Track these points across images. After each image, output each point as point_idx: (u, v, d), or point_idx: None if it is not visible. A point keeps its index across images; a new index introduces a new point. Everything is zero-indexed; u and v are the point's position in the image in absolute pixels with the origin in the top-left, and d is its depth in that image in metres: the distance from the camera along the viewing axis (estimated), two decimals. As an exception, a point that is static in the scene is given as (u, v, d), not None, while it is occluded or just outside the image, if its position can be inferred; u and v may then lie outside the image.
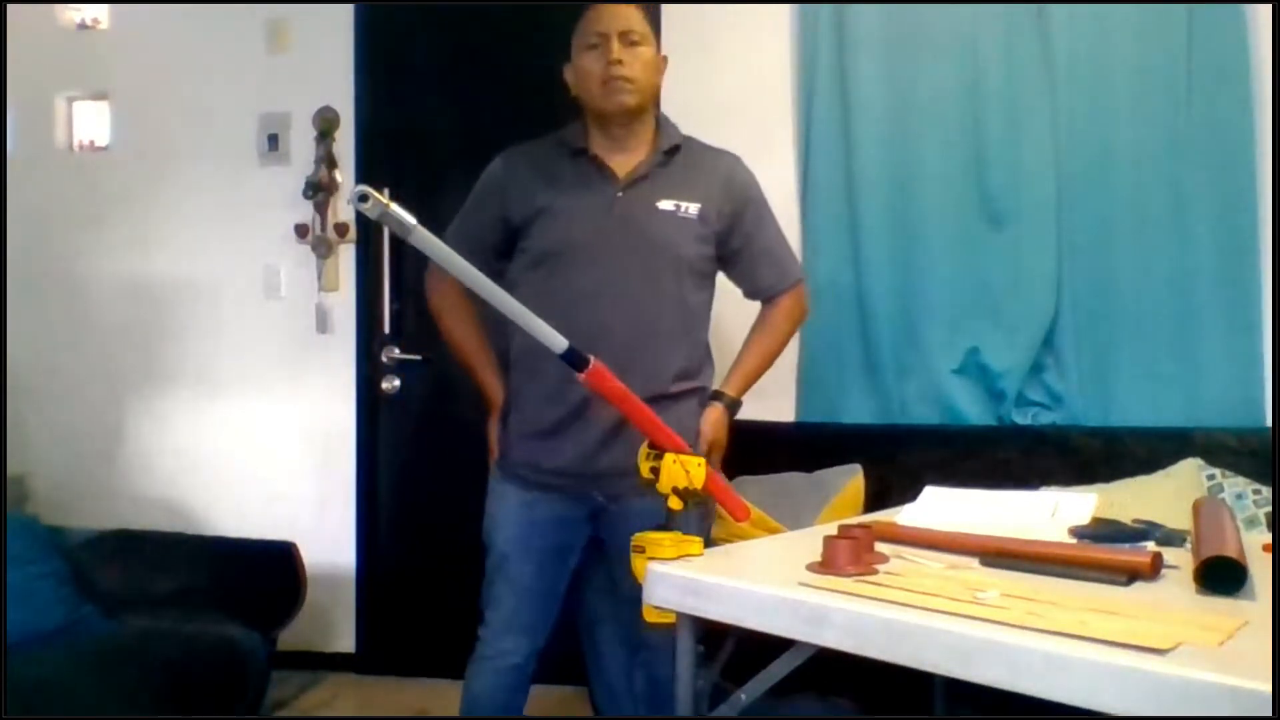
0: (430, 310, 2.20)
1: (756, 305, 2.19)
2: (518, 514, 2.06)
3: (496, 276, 2.08)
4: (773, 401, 3.05)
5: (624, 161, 2.03)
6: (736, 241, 2.09)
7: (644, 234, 2.00)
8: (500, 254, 2.09)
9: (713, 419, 2.08)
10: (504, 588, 2.07)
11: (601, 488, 2.01)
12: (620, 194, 2.01)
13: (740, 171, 2.13)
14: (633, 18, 2.01)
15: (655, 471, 1.58)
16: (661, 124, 2.09)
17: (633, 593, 1.42)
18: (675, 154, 2.06)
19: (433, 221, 1.54)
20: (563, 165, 2.05)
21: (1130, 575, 1.32)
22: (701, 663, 1.44)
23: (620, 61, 1.97)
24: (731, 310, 2.23)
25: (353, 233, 3.32)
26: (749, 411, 2.98)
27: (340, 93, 3.32)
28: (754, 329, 2.18)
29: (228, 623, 2.53)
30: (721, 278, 2.16)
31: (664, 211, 2.01)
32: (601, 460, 1.99)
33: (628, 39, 1.99)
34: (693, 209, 2.02)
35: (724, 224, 2.06)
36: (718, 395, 2.11)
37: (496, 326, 2.01)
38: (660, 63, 2.07)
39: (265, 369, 3.39)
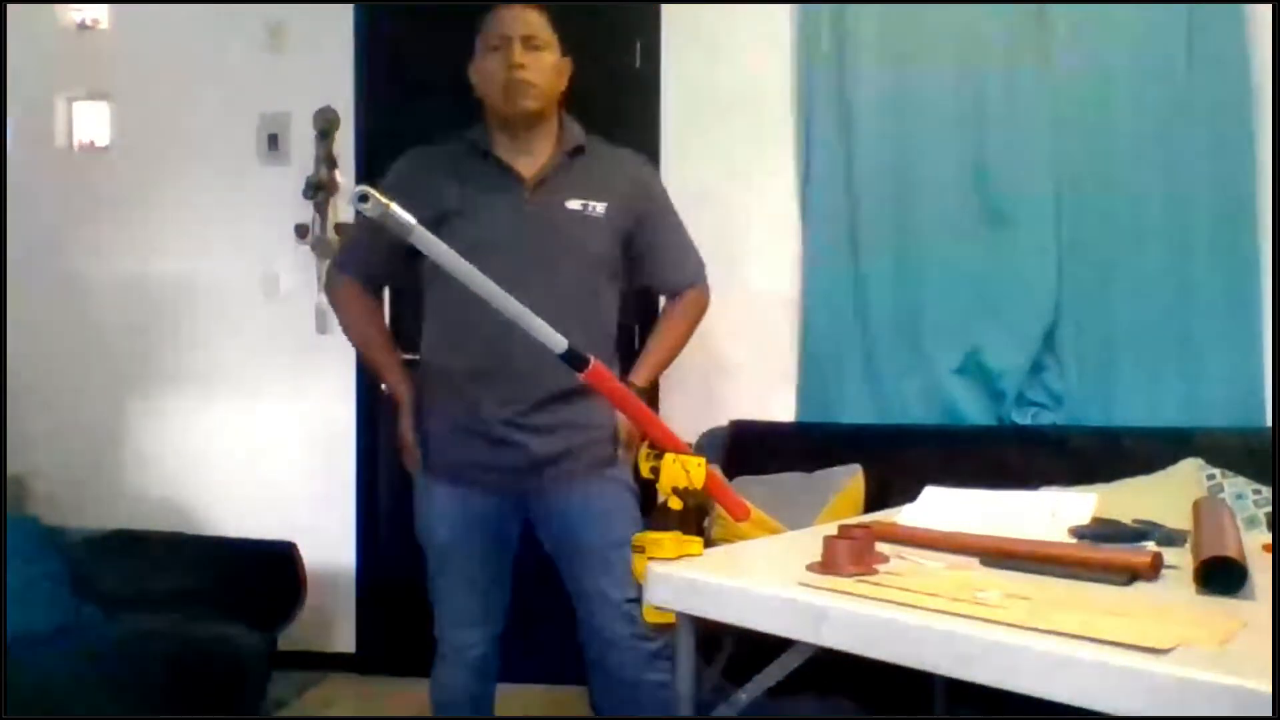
0: (333, 306, 2.21)
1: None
2: (452, 510, 2.08)
3: (410, 275, 2.11)
4: (773, 402, 3.06)
5: (529, 163, 2.05)
6: (642, 241, 2.12)
7: (555, 234, 2.02)
8: (411, 253, 2.04)
9: None
10: (451, 584, 2.10)
11: (529, 480, 2.04)
12: (528, 195, 2.03)
13: (644, 171, 2.17)
14: (535, 22, 2.03)
15: (655, 471, 1.58)
16: (565, 125, 2.10)
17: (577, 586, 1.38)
18: (579, 154, 2.08)
19: (433, 221, 1.53)
20: (470, 167, 2.06)
21: (1130, 575, 1.32)
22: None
23: (522, 65, 1.99)
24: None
25: (353, 233, 3.32)
26: (749, 411, 3.01)
27: (340, 93, 3.31)
28: (660, 321, 2.22)
29: (228, 623, 2.53)
30: None
31: (572, 211, 2.03)
32: (525, 456, 2.01)
33: (530, 43, 2.01)
34: (599, 207, 2.04)
35: (629, 223, 2.09)
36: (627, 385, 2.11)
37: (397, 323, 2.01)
38: (564, 66, 2.08)
39: (265, 369, 3.39)
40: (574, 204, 2.03)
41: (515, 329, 1.65)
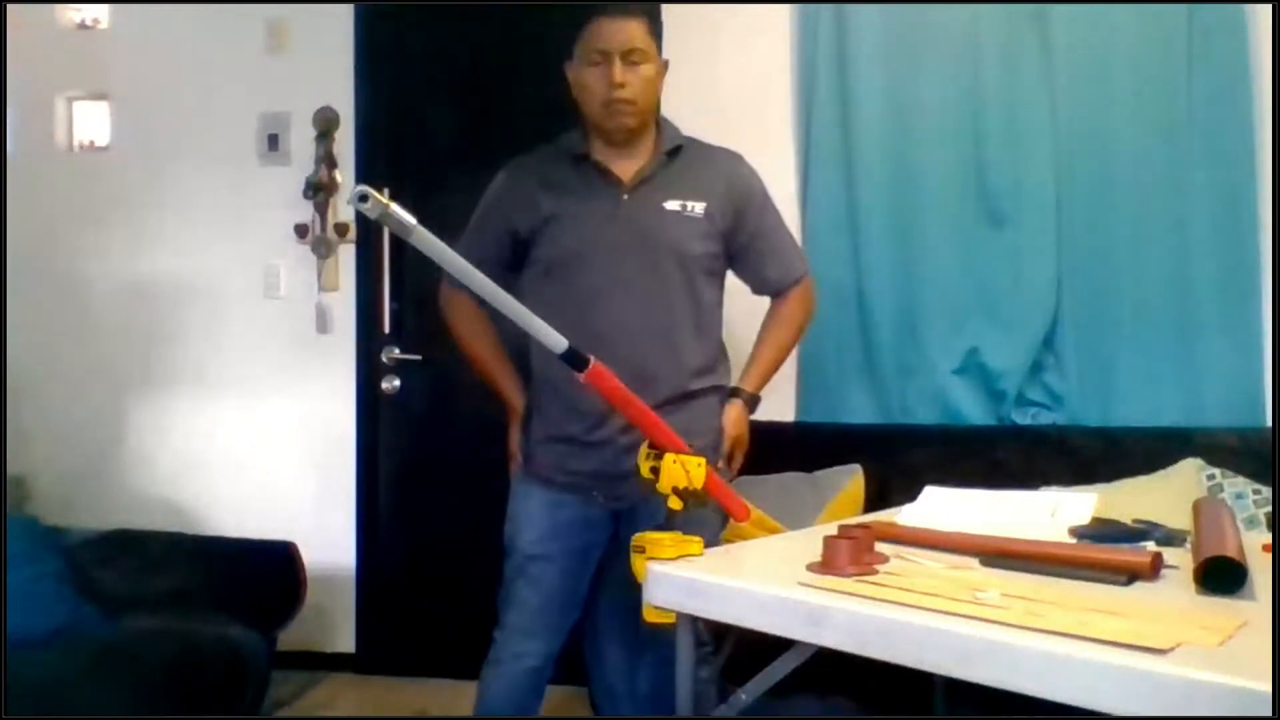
0: (446, 323, 2.20)
1: (764, 304, 2.19)
2: (542, 515, 2.05)
3: (508, 289, 2.10)
4: (773, 401, 3.05)
5: (627, 166, 2.04)
6: (742, 238, 2.10)
7: (652, 235, 2.00)
8: (510, 267, 2.08)
9: (734, 416, 2.10)
10: (527, 590, 2.06)
11: (626, 489, 2.00)
12: (626, 197, 2.01)
13: (742, 168, 2.13)
14: (636, 35, 1.99)
15: (655, 471, 1.58)
16: (662, 125, 2.09)
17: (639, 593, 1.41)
18: (677, 154, 2.06)
19: (433, 222, 1.54)
20: (566, 172, 2.05)
21: (1130, 575, 1.33)
22: (706, 659, 1.44)
23: (623, 85, 1.97)
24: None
25: (353, 233, 3.32)
26: (749, 411, 3.01)
27: (340, 93, 3.32)
28: (765, 325, 2.19)
29: (228, 623, 2.53)
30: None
31: (671, 211, 2.01)
32: (625, 463, 1.98)
33: (630, 58, 1.98)
34: (698, 207, 2.02)
35: (729, 221, 2.06)
36: (735, 392, 2.12)
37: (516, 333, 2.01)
38: (661, 71, 2.06)
39: (265, 369, 3.39)
40: (672, 204, 2.01)
41: (625, 335, 1.65)
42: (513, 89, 3.23)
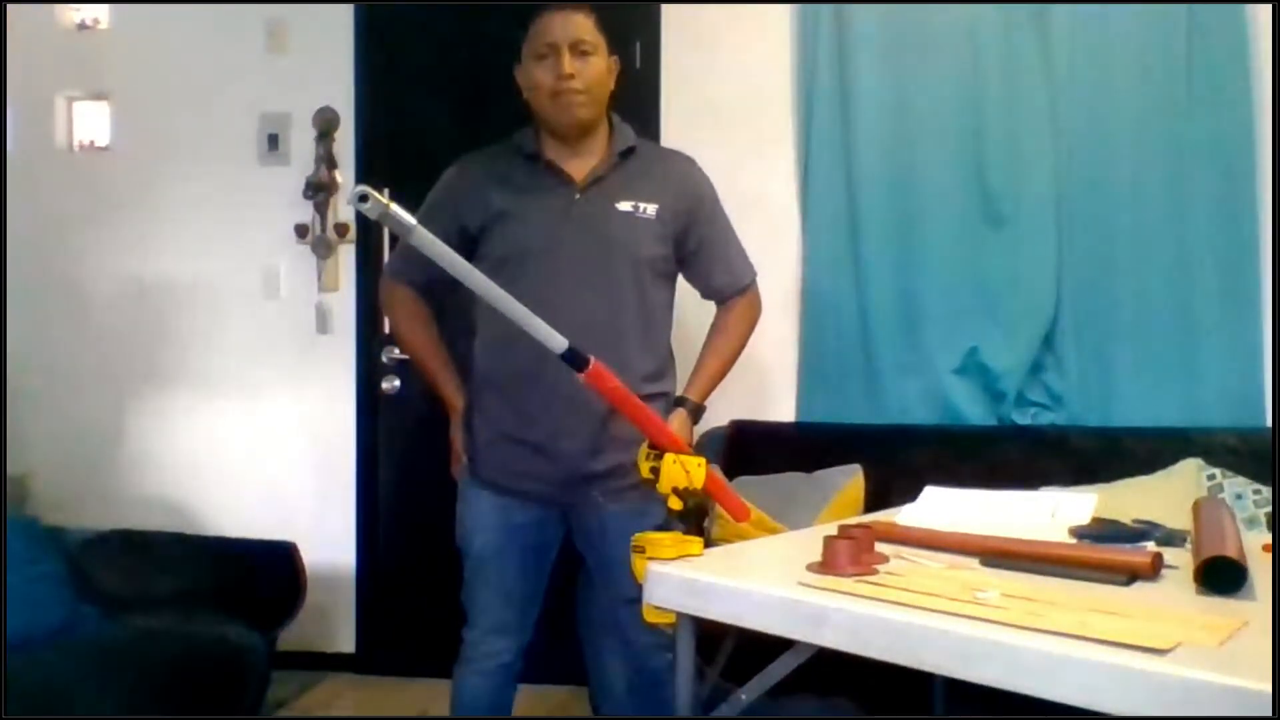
0: (384, 312, 2.19)
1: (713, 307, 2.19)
2: (494, 518, 2.05)
3: (453, 285, 2.10)
4: (773, 402, 3.06)
5: (579, 165, 2.02)
6: (692, 243, 2.09)
7: (604, 235, 1.99)
8: (467, 257, 2.07)
9: (676, 423, 2.04)
10: (486, 592, 2.07)
11: (575, 494, 2.01)
12: (579, 196, 2.00)
13: (695, 172, 2.13)
14: (584, 26, 1.98)
15: (655, 471, 1.58)
16: (615, 126, 2.08)
17: (622, 592, 1.40)
18: (630, 155, 2.05)
19: (433, 221, 1.53)
20: (518, 170, 2.04)
21: (1130, 575, 1.33)
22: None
23: (571, 75, 1.96)
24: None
25: (353, 233, 3.32)
26: (749, 411, 3.01)
27: (340, 93, 3.31)
28: (711, 333, 2.17)
29: (228, 623, 2.53)
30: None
31: (622, 212, 2.00)
32: (577, 469, 1.98)
33: (578, 49, 1.96)
34: (650, 209, 2.01)
35: (680, 224, 2.06)
36: (681, 401, 2.09)
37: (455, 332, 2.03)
38: (612, 67, 2.04)
39: (265, 369, 3.39)
40: (624, 205, 2.00)
41: (573, 335, 1.64)
42: (513, 89, 3.22)
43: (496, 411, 2.03)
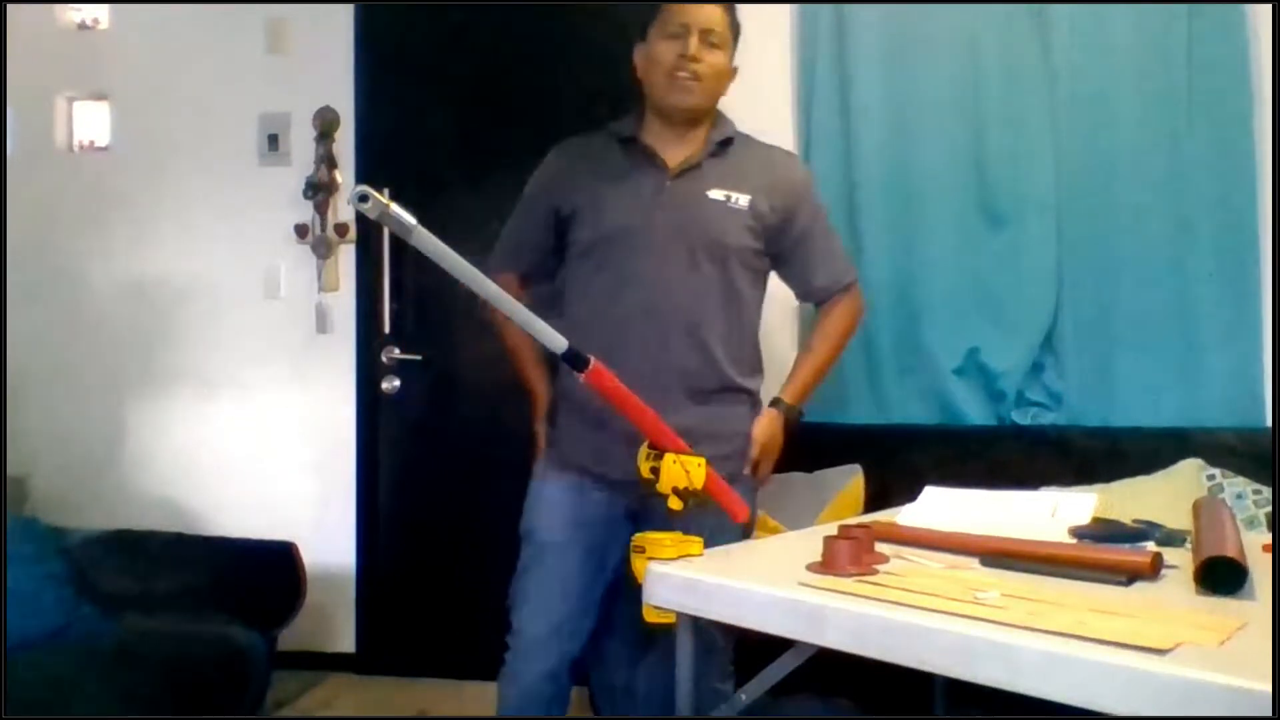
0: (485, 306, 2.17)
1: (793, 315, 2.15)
2: (565, 498, 1.99)
3: (554, 275, 2.06)
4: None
5: (676, 152, 2.00)
6: (789, 239, 2.06)
7: (693, 221, 1.96)
8: (555, 250, 2.06)
9: (764, 423, 2.04)
10: (540, 579, 1.98)
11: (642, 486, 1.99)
12: (669, 182, 1.98)
13: (795, 168, 2.11)
14: (718, 19, 1.98)
15: (655, 471, 1.58)
16: (717, 119, 2.06)
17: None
18: (728, 146, 2.04)
19: (433, 221, 1.54)
20: (612, 154, 2.03)
21: (1130, 575, 1.32)
22: (729, 674, 1.39)
23: (696, 59, 1.94)
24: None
25: (353, 233, 3.32)
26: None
27: (340, 93, 3.31)
28: (811, 335, 2.15)
29: (228, 623, 2.53)
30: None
31: (714, 201, 1.98)
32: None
33: (708, 38, 1.96)
34: (743, 200, 1.99)
35: (775, 219, 2.02)
36: (774, 402, 2.07)
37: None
38: (730, 73, 2.04)
39: (265, 369, 3.39)
40: (716, 194, 1.98)
41: (657, 319, 1.62)
42: (513, 89, 3.23)
43: (577, 397, 1.96)
